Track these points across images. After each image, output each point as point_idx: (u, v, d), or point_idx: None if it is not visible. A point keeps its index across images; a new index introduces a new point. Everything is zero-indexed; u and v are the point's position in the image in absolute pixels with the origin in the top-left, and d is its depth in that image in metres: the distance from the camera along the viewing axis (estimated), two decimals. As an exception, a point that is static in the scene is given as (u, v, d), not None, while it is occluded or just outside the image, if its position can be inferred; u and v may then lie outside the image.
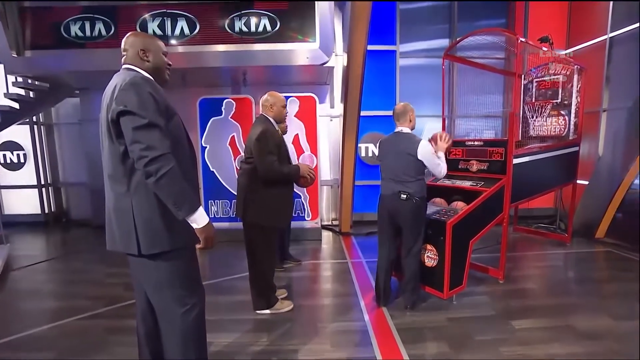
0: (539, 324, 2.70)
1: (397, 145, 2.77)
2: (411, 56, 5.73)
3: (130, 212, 1.49)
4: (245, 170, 2.73)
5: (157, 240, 1.50)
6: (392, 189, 2.75)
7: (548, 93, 4.65)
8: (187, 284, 1.61)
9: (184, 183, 1.44)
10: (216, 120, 5.11)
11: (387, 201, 2.81)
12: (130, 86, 1.43)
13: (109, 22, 4.23)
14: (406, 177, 2.71)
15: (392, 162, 2.78)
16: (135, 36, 1.63)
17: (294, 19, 4.32)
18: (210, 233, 1.52)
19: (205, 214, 1.51)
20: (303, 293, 3.35)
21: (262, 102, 2.80)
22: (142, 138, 1.37)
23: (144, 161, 1.37)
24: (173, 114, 1.55)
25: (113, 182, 1.53)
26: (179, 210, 1.43)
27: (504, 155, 3.29)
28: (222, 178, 5.19)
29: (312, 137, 5.07)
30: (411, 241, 2.80)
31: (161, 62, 1.66)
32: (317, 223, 5.20)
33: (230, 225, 5.17)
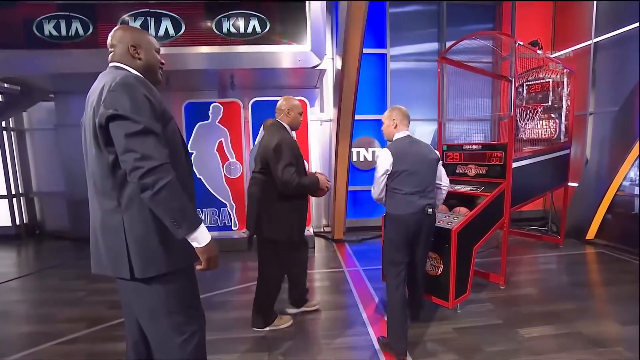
0: (547, 332, 2.63)
1: (421, 152, 2.39)
2: (401, 60, 5.69)
3: (121, 231, 1.30)
4: (257, 181, 2.51)
5: (152, 262, 1.32)
6: (418, 205, 2.32)
7: (538, 96, 4.68)
8: (186, 309, 1.42)
9: (184, 197, 1.27)
10: (203, 125, 4.91)
11: (411, 221, 2.33)
12: (122, 87, 1.25)
13: (87, 21, 3.96)
14: (431, 185, 2.42)
15: (422, 172, 2.35)
16: (125, 30, 1.45)
17: (284, 21, 4.18)
18: (213, 252, 1.34)
19: (207, 232, 1.33)
20: (301, 306, 3.18)
21: (278, 107, 2.59)
22: (136, 146, 1.20)
23: (139, 173, 1.19)
24: (170, 119, 1.38)
25: (101, 196, 1.34)
26: (179, 228, 1.25)
27: (504, 159, 3.23)
28: (210, 185, 4.98)
29: (302, 142, 4.92)
30: (425, 254, 2.56)
31: (154, 60, 1.48)
32: (310, 230, 5.05)
33: (220, 234, 4.96)
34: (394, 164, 2.32)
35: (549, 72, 4.55)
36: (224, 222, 5.05)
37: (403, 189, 2.33)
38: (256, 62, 4.22)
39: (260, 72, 4.63)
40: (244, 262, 4.44)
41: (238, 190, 5.00)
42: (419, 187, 2.34)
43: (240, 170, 4.97)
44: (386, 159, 2.33)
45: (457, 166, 3.60)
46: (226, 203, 5.02)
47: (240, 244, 4.84)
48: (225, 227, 5.06)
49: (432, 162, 2.40)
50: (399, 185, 2.34)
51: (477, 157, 3.45)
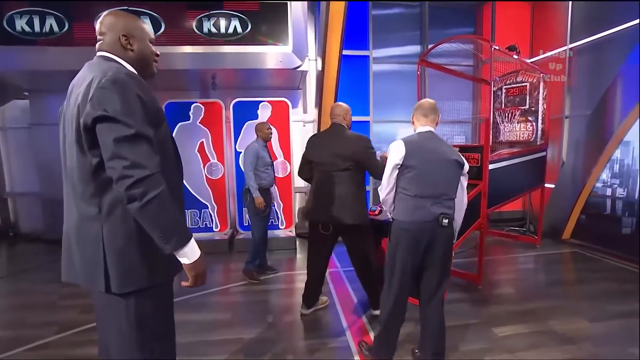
0: (520, 330, 2.69)
1: (439, 151, 1.99)
2: (384, 62, 5.74)
3: (99, 240, 1.19)
4: (344, 178, 2.62)
5: (131, 276, 1.21)
6: (430, 213, 1.91)
7: (516, 100, 4.79)
8: (159, 328, 1.32)
9: (175, 210, 1.17)
10: (183, 126, 4.84)
11: (420, 231, 1.93)
12: (113, 84, 1.12)
13: (62, 18, 3.86)
14: (451, 193, 1.99)
15: (437, 173, 1.95)
16: (116, 17, 1.29)
17: (266, 21, 4.17)
18: (201, 268, 1.25)
19: (197, 247, 1.24)
20: (280, 308, 3.16)
21: (336, 112, 2.76)
22: (126, 153, 1.09)
23: (128, 182, 1.08)
24: (162, 120, 1.28)
25: (79, 200, 1.22)
26: (167, 243, 1.16)
27: (480, 160, 3.29)
28: (191, 186, 4.91)
29: (285, 143, 4.93)
30: (440, 280, 2.03)
31: (147, 52, 1.35)
32: (292, 232, 5.04)
33: (201, 236, 4.89)
34: (406, 157, 1.95)
35: (526, 76, 4.66)
36: (205, 224, 4.99)
37: (412, 191, 1.95)
38: (237, 62, 4.19)
39: (242, 73, 4.60)
40: (225, 263, 4.39)
41: (219, 191, 4.95)
42: (432, 191, 1.94)
43: (221, 171, 4.92)
44: (398, 151, 1.97)
45: (435, 168, 3.63)
46: (207, 204, 4.96)
47: (222, 245, 4.80)
48: (207, 228, 5.00)
49: (452, 164, 1.98)
50: (408, 185, 1.96)
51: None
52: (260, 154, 3.56)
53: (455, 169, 1.99)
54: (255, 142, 3.62)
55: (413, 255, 1.96)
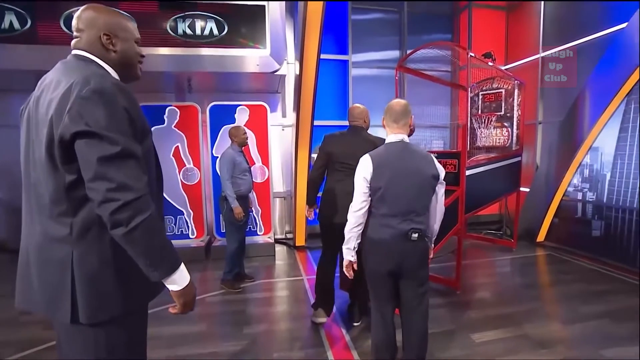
0: (497, 336, 2.70)
1: (411, 165, 1.84)
2: (363, 66, 5.75)
3: (67, 265, 1.05)
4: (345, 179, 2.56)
5: (103, 305, 1.08)
6: (398, 230, 1.81)
7: (492, 106, 4.88)
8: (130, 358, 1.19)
9: (163, 234, 1.07)
10: (158, 130, 4.67)
11: (389, 248, 1.84)
12: (97, 95, 0.99)
13: (24, 14, 3.65)
14: (422, 209, 1.87)
15: (408, 191, 1.81)
16: (97, 12, 1.15)
17: (243, 23, 4.08)
18: (191, 295, 1.15)
19: (186, 273, 1.13)
20: (258, 318, 3.07)
21: (355, 114, 2.73)
22: (112, 173, 0.97)
23: (113, 207, 0.97)
24: (147, 134, 1.16)
25: (46, 219, 1.08)
26: (155, 270, 1.05)
27: (457, 167, 3.32)
28: (166, 192, 4.71)
29: (263, 148, 4.84)
30: (419, 292, 1.92)
31: (132, 54, 1.22)
32: (270, 238, 4.95)
33: (177, 243, 4.73)
34: (373, 177, 1.82)
35: (501, 83, 4.76)
36: (181, 230, 4.83)
37: (380, 209, 1.85)
38: (213, 65, 4.07)
39: (219, 76, 4.49)
40: (202, 272, 4.26)
41: (196, 197, 4.81)
42: (401, 209, 1.82)
43: (198, 176, 4.78)
44: (365, 169, 1.85)
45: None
46: (183, 210, 4.81)
47: (198, 252, 4.66)
48: (183, 235, 4.84)
49: (427, 180, 1.85)
50: (377, 204, 1.86)
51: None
52: (236, 161, 3.46)
53: (429, 183, 1.86)
54: (230, 148, 3.52)
55: (386, 267, 1.86)
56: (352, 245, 1.90)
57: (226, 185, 3.40)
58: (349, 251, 1.92)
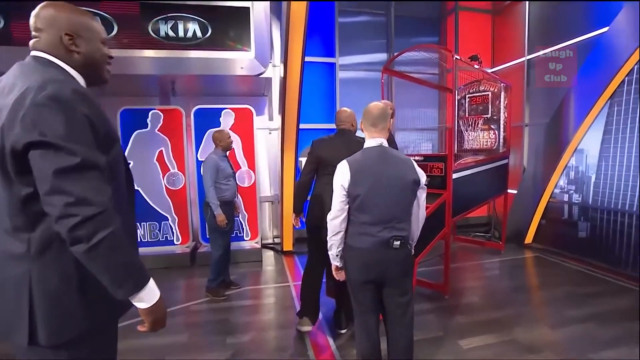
0: (486, 341, 2.67)
1: (391, 171, 1.76)
2: (350, 69, 5.72)
3: (25, 284, 0.98)
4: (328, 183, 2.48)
5: (64, 325, 1.00)
6: (379, 238, 1.74)
7: (479, 108, 4.89)
8: None
9: (129, 249, 1.00)
10: (141, 134, 4.57)
11: (370, 257, 1.77)
12: (54, 102, 0.91)
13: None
14: (404, 215, 1.80)
15: (387, 198, 1.74)
16: (57, 10, 1.05)
17: (227, 26, 4.01)
18: (161, 312, 1.08)
19: (156, 289, 1.06)
20: (242, 327, 2.99)
21: (342, 118, 2.68)
22: (70, 187, 0.90)
23: (72, 222, 0.89)
24: (114, 142, 1.08)
25: (3, 235, 1.01)
26: (120, 288, 0.98)
27: (444, 170, 3.29)
28: (149, 197, 4.64)
29: (249, 152, 4.76)
30: (403, 301, 1.84)
31: (98, 55, 1.12)
32: (257, 243, 4.87)
33: (161, 250, 4.63)
34: (351, 184, 1.75)
35: (488, 85, 4.78)
36: (165, 237, 4.72)
37: (360, 218, 1.77)
38: (196, 68, 3.99)
39: (204, 79, 4.41)
40: (187, 279, 4.16)
41: (180, 202, 4.70)
42: (381, 217, 1.74)
43: (182, 181, 4.68)
44: (342, 176, 1.77)
45: (401, 177, 3.60)
46: (167, 216, 4.70)
47: (183, 259, 4.55)
48: (167, 241, 4.73)
49: (408, 186, 1.77)
50: (356, 212, 1.78)
51: (420, 168, 3.48)
52: (220, 166, 3.38)
53: (410, 188, 1.78)
54: (214, 152, 3.43)
55: (367, 277, 1.80)
56: (335, 252, 1.85)
57: (209, 191, 3.31)
58: (334, 257, 1.88)
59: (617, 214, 4.02)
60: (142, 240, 4.66)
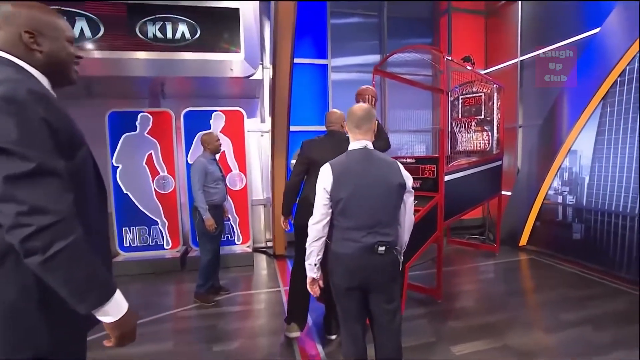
0: (478, 347, 2.61)
1: (375, 174, 1.71)
2: (343, 71, 5.67)
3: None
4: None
5: (26, 340, 0.94)
6: (362, 244, 1.67)
7: (472, 109, 4.86)
8: None
9: (92, 260, 0.94)
10: (130, 137, 4.50)
11: (354, 263, 1.70)
12: (5, 103, 0.86)
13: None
14: (389, 220, 1.74)
15: (371, 201, 1.68)
16: (17, 7, 1.01)
17: (216, 27, 3.95)
18: (129, 326, 1.01)
19: (123, 301, 1.00)
20: (230, 334, 2.91)
21: (332, 120, 2.67)
22: (22, 194, 0.84)
23: (24, 232, 0.83)
24: (79, 145, 1.03)
25: None
26: (81, 302, 0.92)
27: (436, 172, 3.24)
28: (138, 201, 4.56)
29: (240, 154, 4.70)
30: (390, 309, 1.77)
31: (64, 54, 1.07)
32: (249, 247, 4.79)
33: (151, 254, 4.55)
34: (334, 187, 1.68)
35: (480, 87, 4.74)
36: (155, 241, 4.64)
37: (343, 223, 1.71)
38: (185, 70, 3.93)
39: (194, 81, 4.35)
40: (177, 284, 4.09)
41: (170, 206, 4.63)
42: (366, 221, 1.68)
43: (172, 184, 4.61)
44: (325, 179, 1.71)
45: (393, 179, 3.55)
46: (157, 220, 4.62)
47: (173, 263, 4.47)
48: (157, 246, 4.65)
49: (393, 189, 1.71)
50: (339, 217, 1.71)
51: (411, 171, 3.42)
52: (208, 169, 3.32)
53: (395, 192, 1.72)
54: (202, 156, 3.37)
55: (351, 283, 1.73)
56: (314, 260, 1.76)
57: (197, 195, 3.25)
58: (311, 267, 1.77)
59: (611, 215, 3.99)
60: (131, 244, 4.59)
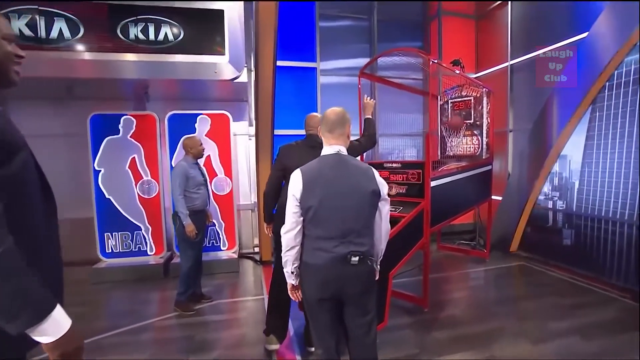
0: (464, 357, 2.53)
1: (348, 180, 1.64)
2: (332, 74, 5.61)
3: None
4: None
5: None
6: (335, 254, 1.59)
7: (462, 113, 4.80)
8: None
9: (24, 275, 0.86)
10: (113, 140, 4.40)
11: (327, 274, 1.61)
12: None
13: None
14: (362, 229, 1.65)
15: (344, 210, 1.61)
16: None
17: (200, 29, 3.87)
18: (72, 346, 0.92)
19: (64, 318, 0.91)
20: (208, 344, 2.81)
21: (311, 124, 2.61)
22: None
23: None
24: (17, 150, 0.95)
25: None
26: (11, 322, 0.84)
27: (422, 177, 3.16)
28: (121, 206, 4.45)
29: (225, 159, 4.61)
30: (365, 321, 1.70)
31: (1, 54, 1.01)
32: (235, 253, 4.69)
33: (133, 260, 4.43)
34: (303, 194, 1.60)
35: (470, 90, 4.69)
36: (138, 247, 4.53)
37: (314, 232, 1.62)
38: (168, 72, 3.83)
39: (179, 84, 4.27)
40: (160, 291, 3.98)
41: (154, 211, 4.52)
42: (337, 231, 1.59)
43: (156, 189, 4.51)
44: (294, 184, 1.63)
45: (379, 184, 3.47)
46: (140, 226, 4.51)
47: (156, 270, 4.35)
48: (140, 252, 4.54)
49: (366, 197, 1.63)
50: (309, 225, 1.63)
51: (398, 176, 3.36)
52: (190, 174, 3.23)
53: (369, 200, 1.65)
54: (183, 160, 3.28)
55: (323, 295, 1.65)
56: (290, 269, 1.69)
57: (177, 201, 3.16)
58: (289, 275, 1.72)
59: (601, 221, 3.93)
60: (113, 250, 4.48)
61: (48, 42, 3.58)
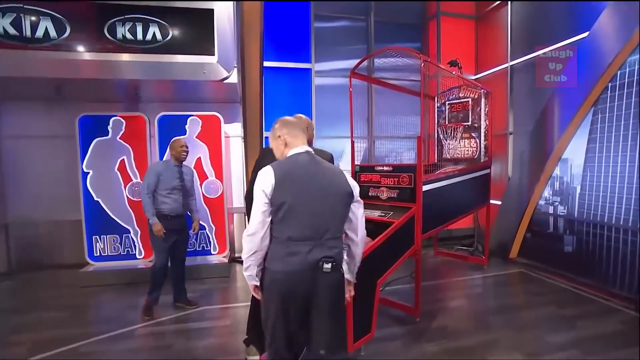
0: (453, 373, 2.39)
1: (320, 179, 1.57)
2: (328, 75, 5.49)
3: None
4: None
5: None
6: (307, 260, 1.50)
7: (460, 116, 4.67)
8: None
9: None
10: (101, 142, 4.33)
11: (296, 282, 1.52)
12: None
13: None
14: (336, 231, 1.59)
15: (317, 209, 1.53)
16: None
17: (188, 28, 3.79)
18: None
19: None
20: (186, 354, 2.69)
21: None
22: None
23: None
24: None
25: None
26: None
27: (413, 181, 3.03)
28: (110, 209, 4.37)
29: (216, 161, 4.51)
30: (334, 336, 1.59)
31: None
32: (225, 257, 4.57)
33: (122, 264, 4.35)
34: (275, 191, 1.50)
35: (467, 92, 4.56)
36: (127, 250, 4.44)
37: (285, 233, 1.52)
38: (156, 73, 3.74)
39: (171, 84, 4.18)
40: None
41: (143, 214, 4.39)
42: (311, 232, 1.51)
43: (145, 191, 4.41)
44: (265, 183, 1.52)
45: (369, 189, 3.35)
46: (129, 229, 4.42)
47: (145, 274, 4.22)
48: (129, 255, 4.44)
49: (340, 197, 1.58)
50: (280, 226, 1.53)
51: (389, 179, 3.23)
52: (162, 176, 3.15)
53: (343, 200, 1.58)
54: (164, 160, 3.21)
55: (289, 310, 1.53)
56: (253, 272, 1.59)
57: (143, 199, 3.14)
58: (251, 277, 1.61)
59: (603, 227, 3.77)
60: (101, 254, 4.40)
61: (33, 41, 3.52)
